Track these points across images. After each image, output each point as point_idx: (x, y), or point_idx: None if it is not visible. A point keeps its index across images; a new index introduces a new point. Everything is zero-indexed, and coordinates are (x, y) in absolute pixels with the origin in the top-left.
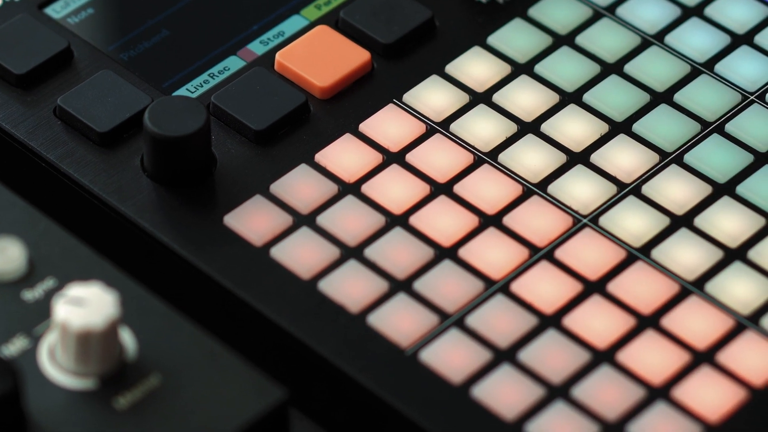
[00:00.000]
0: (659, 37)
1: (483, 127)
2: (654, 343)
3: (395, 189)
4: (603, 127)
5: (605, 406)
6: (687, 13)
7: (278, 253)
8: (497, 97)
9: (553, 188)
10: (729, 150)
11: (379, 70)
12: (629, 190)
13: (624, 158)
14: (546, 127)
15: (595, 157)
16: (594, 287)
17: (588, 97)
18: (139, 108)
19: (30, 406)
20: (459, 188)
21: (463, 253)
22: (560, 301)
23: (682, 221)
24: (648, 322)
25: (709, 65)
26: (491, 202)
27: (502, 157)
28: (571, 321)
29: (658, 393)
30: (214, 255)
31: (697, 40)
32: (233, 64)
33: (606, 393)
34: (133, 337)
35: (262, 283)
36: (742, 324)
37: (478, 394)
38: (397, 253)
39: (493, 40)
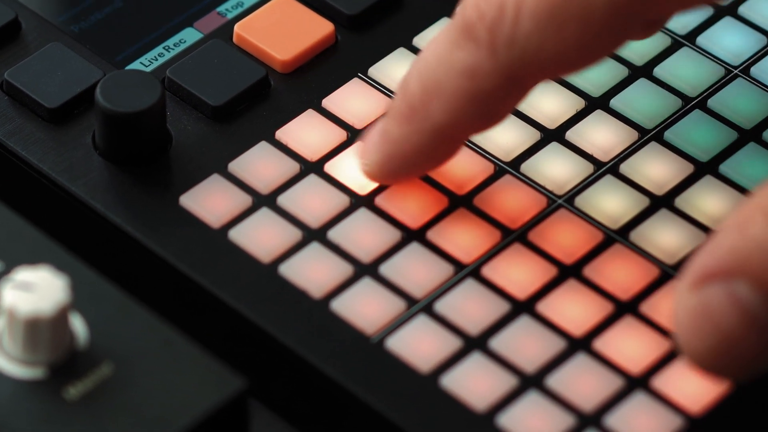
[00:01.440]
0: None
1: None
2: (633, 330)
3: (359, 168)
4: (579, 103)
5: (581, 397)
6: None
7: (237, 235)
8: None
9: (526, 167)
10: (711, 127)
11: (343, 42)
12: (606, 169)
13: (601, 135)
14: (520, 105)
15: (571, 135)
16: (569, 271)
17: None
18: (90, 83)
19: None
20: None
21: (432, 235)
22: (534, 285)
23: (662, 202)
24: (626, 308)
25: (691, 38)
26: (461, 181)
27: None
28: (545, 307)
29: (637, 383)
30: (170, 237)
31: None
32: (190, 36)
33: (582, 383)
34: (85, 324)
35: (219, 266)
36: None
37: (447, 384)
38: (363, 235)
39: None
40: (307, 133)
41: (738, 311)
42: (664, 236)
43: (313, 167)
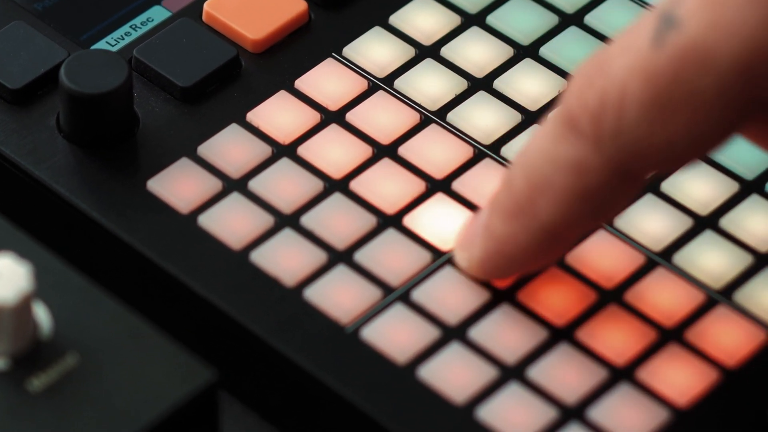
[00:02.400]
0: None
1: (430, 84)
2: (617, 319)
3: (334, 151)
4: (562, 85)
5: (564, 389)
6: None
7: (206, 221)
8: (446, 51)
9: (506, 150)
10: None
11: (316, 21)
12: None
13: None
14: (499, 84)
15: None
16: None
17: (545, 51)
18: (54, 63)
19: None
20: (404, 150)
21: (409, 221)
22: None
23: (648, 187)
24: (610, 296)
25: None
26: (439, 165)
27: (451, 117)
28: (526, 295)
29: (622, 374)
30: (137, 223)
31: None
32: (157, 14)
33: (564, 374)
34: (49, 314)
35: (188, 254)
36: (714, 299)
37: (424, 376)
38: (337, 221)
39: None
40: (279, 115)
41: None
42: (650, 222)
43: (286, 150)
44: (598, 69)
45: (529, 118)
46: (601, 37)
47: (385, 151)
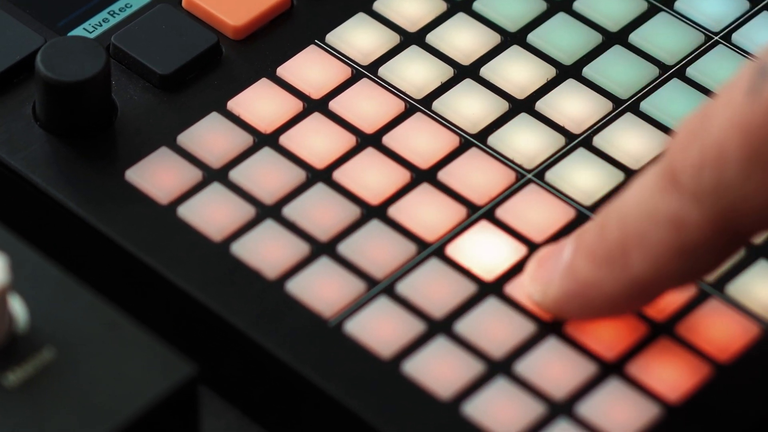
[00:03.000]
0: None
1: (415, 71)
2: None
3: (317, 140)
4: (550, 72)
5: (552, 384)
6: None
7: (186, 212)
8: (431, 38)
9: (493, 140)
10: (690, 96)
11: (299, 7)
12: (579, 141)
13: (573, 106)
14: (486, 72)
15: (541, 105)
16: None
17: (533, 38)
18: (30, 50)
19: None
20: (388, 140)
21: (394, 212)
22: (502, 266)
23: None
24: None
25: (669, 2)
26: (424, 155)
27: (437, 105)
28: (513, 288)
29: (612, 369)
30: (115, 214)
31: None
32: (136, 0)
33: (553, 369)
34: (25, 307)
35: (168, 245)
36: (706, 292)
37: (409, 370)
38: (320, 212)
39: None
40: (261, 103)
41: None
42: None
43: (268, 140)
44: (701, 124)
45: (517, 106)
46: (590, 24)
47: (369, 141)
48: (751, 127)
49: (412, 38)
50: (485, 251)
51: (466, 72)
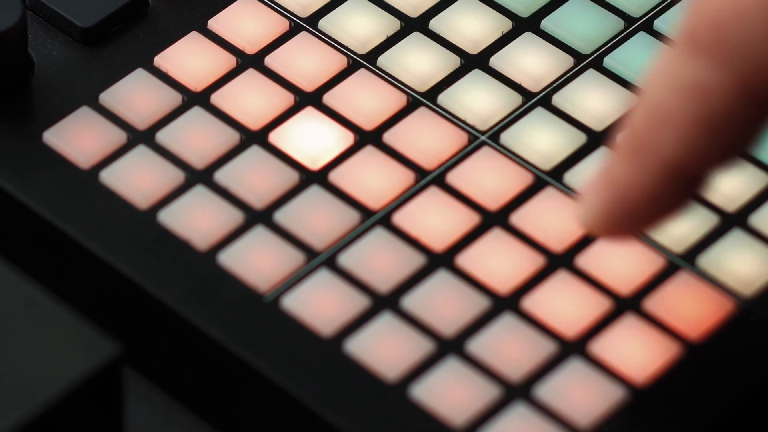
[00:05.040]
0: None
1: (359, 24)
2: (567, 286)
3: (252, 99)
4: (505, 24)
5: (508, 364)
6: None
7: (109, 177)
8: None
9: (444, 98)
10: (658, 51)
11: None
12: (537, 100)
13: (531, 62)
14: (436, 24)
15: (496, 61)
16: (494, 218)
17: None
18: None
19: None
20: (329, 98)
21: (335, 177)
22: (453, 235)
23: (600, 138)
24: (560, 261)
25: None
26: (369, 115)
27: (383, 61)
28: (465, 260)
29: (573, 348)
30: (32, 180)
31: None
32: None
33: (509, 348)
34: None
35: (89, 213)
36: (675, 264)
37: (352, 349)
38: (255, 177)
39: None
40: (190, 58)
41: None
42: None
43: (198, 98)
44: None
45: (469, 62)
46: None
47: (308, 100)
48: None
49: None
50: (434, 220)
51: (415, 25)
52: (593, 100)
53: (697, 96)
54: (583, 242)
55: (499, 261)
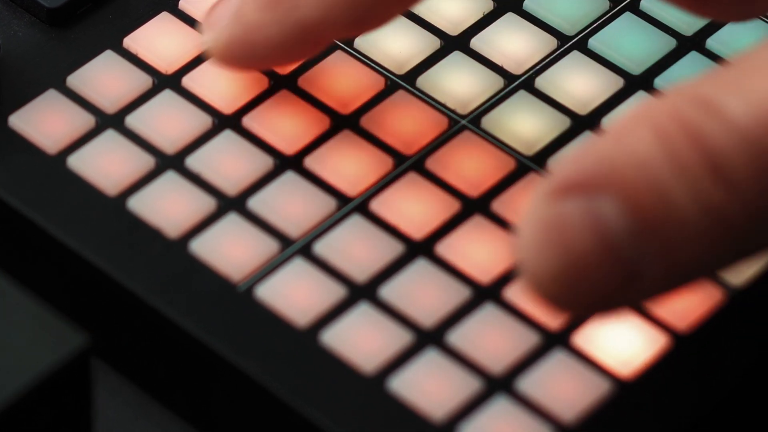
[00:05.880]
0: None
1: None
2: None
3: (224, 82)
4: (486, 5)
5: (489, 356)
6: None
7: (77, 162)
8: None
9: (423, 81)
10: (645, 33)
11: None
12: (519, 83)
13: (513, 43)
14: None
15: (477, 43)
16: (475, 205)
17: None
18: None
19: None
20: (305, 81)
21: (310, 162)
22: (432, 223)
23: (585, 122)
24: None
25: None
26: (345, 98)
27: (360, 42)
28: (445, 248)
29: (557, 339)
30: None
31: None
32: None
33: (490, 339)
34: None
35: (57, 200)
36: None
37: (328, 341)
38: (227, 162)
39: None
40: (161, 40)
41: (596, 233)
42: None
43: (169, 81)
44: None
45: (449, 43)
46: None
47: (283, 82)
48: None
49: None
50: (413, 207)
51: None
52: (577, 83)
53: None
54: None
55: (480, 249)
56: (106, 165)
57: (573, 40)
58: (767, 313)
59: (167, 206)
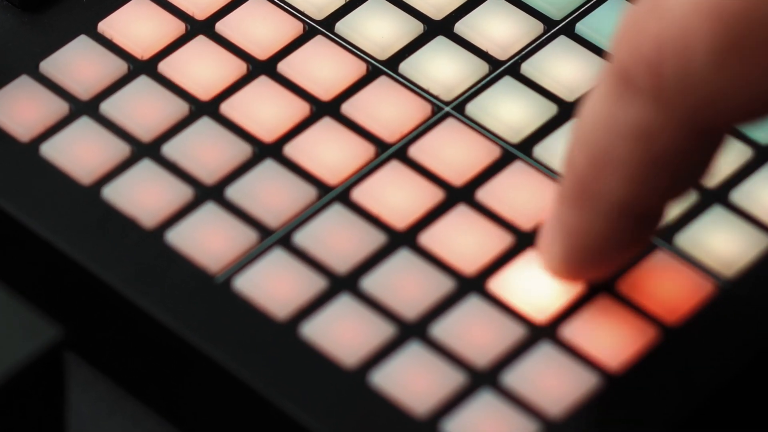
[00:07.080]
0: None
1: None
2: (537, 267)
3: (202, 68)
4: None
5: (474, 349)
6: None
7: (51, 150)
8: None
9: (406, 67)
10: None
11: None
12: (505, 69)
13: (498, 28)
14: None
15: (461, 27)
16: (459, 194)
17: None
18: None
19: None
20: (284, 67)
21: (290, 150)
22: (415, 212)
23: (572, 109)
24: (529, 240)
25: None
26: (326, 85)
27: (341, 27)
28: (429, 238)
29: (543, 332)
30: None
31: None
32: None
33: (475, 332)
34: None
35: (29, 189)
36: (652, 243)
37: (308, 333)
38: (205, 150)
39: None
40: (137, 25)
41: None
42: None
43: (145, 67)
44: (653, 10)
45: (433, 28)
46: None
47: (262, 68)
48: (724, 7)
49: None
50: (396, 196)
51: None
52: (564, 68)
53: (641, 139)
54: None
55: (464, 240)
56: (80, 153)
57: (560, 25)
58: (758, 305)
59: (143, 195)
